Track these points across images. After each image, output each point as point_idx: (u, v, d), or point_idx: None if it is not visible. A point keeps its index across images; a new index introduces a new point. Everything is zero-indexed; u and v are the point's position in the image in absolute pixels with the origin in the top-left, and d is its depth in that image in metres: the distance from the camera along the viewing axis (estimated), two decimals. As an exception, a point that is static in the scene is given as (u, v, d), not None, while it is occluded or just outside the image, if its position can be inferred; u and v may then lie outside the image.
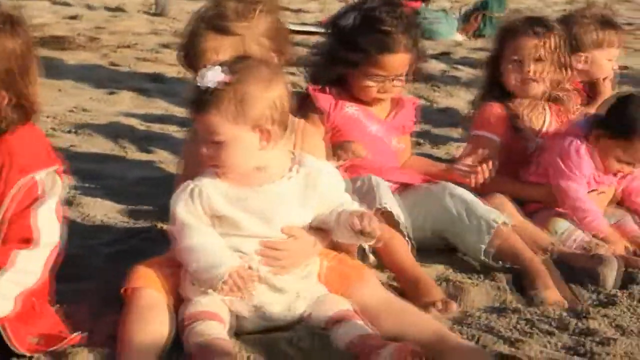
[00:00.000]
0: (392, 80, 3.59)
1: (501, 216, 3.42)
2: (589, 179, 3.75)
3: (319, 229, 2.76)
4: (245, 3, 3.07)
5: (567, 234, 3.62)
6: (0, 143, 2.52)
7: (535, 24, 3.97)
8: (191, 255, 2.59)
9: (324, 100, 3.60)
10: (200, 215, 2.61)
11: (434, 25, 9.35)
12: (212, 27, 3.04)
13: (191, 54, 3.06)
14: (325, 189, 2.71)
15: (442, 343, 2.58)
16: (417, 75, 3.76)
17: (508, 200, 3.66)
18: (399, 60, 3.57)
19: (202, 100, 2.57)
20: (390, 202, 3.25)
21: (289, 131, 2.75)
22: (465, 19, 9.51)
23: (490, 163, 3.59)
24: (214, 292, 2.58)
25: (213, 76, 2.57)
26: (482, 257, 3.38)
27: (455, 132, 5.40)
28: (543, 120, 4.02)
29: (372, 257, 3.17)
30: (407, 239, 3.24)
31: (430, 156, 4.67)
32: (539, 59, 3.93)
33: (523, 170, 3.92)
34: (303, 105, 3.62)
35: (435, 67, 7.87)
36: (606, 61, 4.53)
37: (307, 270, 2.75)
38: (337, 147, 3.43)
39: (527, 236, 3.51)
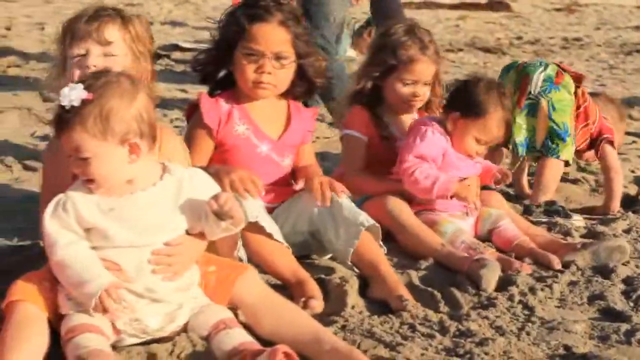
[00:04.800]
0: (271, 59, 3.41)
1: (369, 219, 3.38)
2: (450, 160, 3.81)
3: (199, 234, 2.74)
4: None
5: (453, 236, 3.67)
6: None
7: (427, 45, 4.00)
8: (62, 271, 2.55)
9: (213, 115, 3.45)
10: (73, 228, 2.57)
11: (327, 42, 9.39)
12: None
13: None
14: (198, 194, 2.70)
15: (318, 344, 2.61)
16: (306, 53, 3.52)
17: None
18: (271, 32, 3.40)
19: (66, 119, 2.53)
20: (259, 213, 3.18)
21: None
22: (358, 35, 9.57)
23: None
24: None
25: (75, 94, 2.53)
26: (349, 262, 3.35)
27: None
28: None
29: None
30: (285, 245, 3.23)
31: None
32: (427, 83, 4.00)
33: (393, 169, 3.93)
34: (192, 118, 3.56)
35: (326, 83, 7.95)
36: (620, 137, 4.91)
37: (189, 279, 2.74)
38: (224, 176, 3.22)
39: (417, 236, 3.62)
